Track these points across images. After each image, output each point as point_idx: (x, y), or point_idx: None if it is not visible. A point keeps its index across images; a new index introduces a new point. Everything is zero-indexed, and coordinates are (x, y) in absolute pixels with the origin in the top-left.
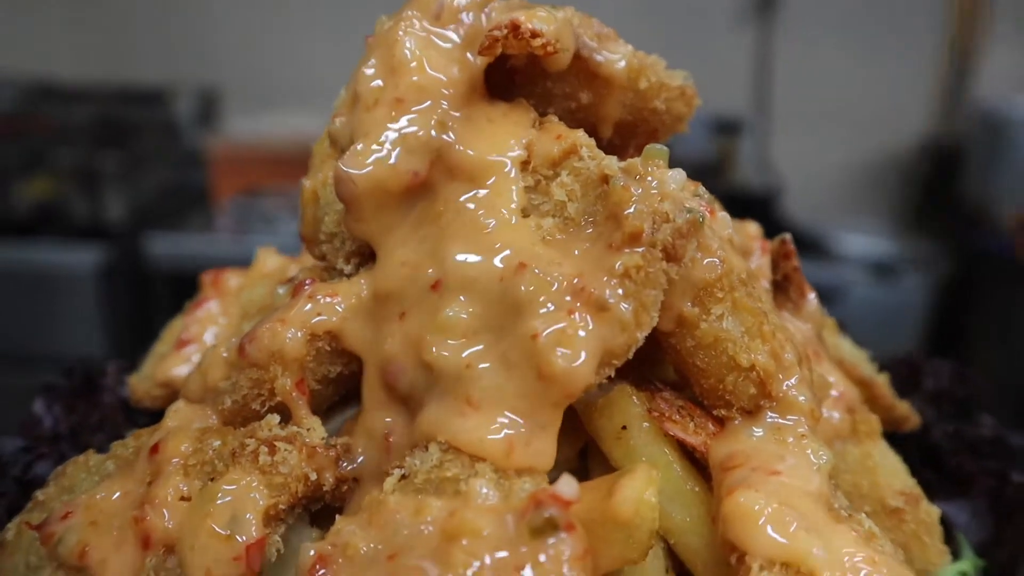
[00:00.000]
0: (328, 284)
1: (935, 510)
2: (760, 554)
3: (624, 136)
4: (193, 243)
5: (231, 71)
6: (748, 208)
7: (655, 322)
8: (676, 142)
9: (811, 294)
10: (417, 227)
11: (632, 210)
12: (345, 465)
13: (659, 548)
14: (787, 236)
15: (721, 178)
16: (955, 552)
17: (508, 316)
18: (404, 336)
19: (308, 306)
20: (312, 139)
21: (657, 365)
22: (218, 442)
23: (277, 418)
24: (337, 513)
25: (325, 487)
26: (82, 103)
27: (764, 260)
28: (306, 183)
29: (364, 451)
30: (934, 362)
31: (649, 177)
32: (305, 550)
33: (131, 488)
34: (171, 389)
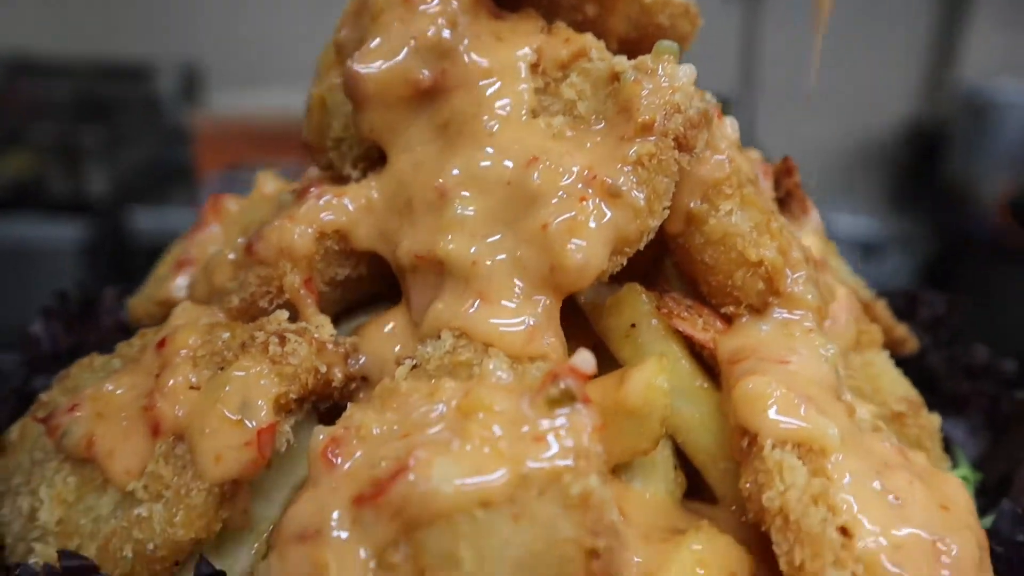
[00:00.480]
0: (335, 187)
1: (935, 418)
2: (772, 434)
3: (629, 55)
4: (176, 218)
5: (214, 47)
6: None
7: (667, 213)
8: None
9: (813, 211)
10: (428, 127)
11: (644, 102)
12: (353, 363)
13: (667, 446)
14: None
15: None
16: (954, 466)
17: (520, 208)
18: (416, 233)
19: (318, 203)
20: (296, 115)
21: (663, 280)
22: (227, 334)
23: (286, 313)
24: None
25: (334, 383)
26: (62, 78)
27: (767, 184)
28: (313, 90)
29: (372, 351)
30: (929, 293)
31: (660, 71)
32: (316, 433)
33: (139, 381)
34: (170, 308)
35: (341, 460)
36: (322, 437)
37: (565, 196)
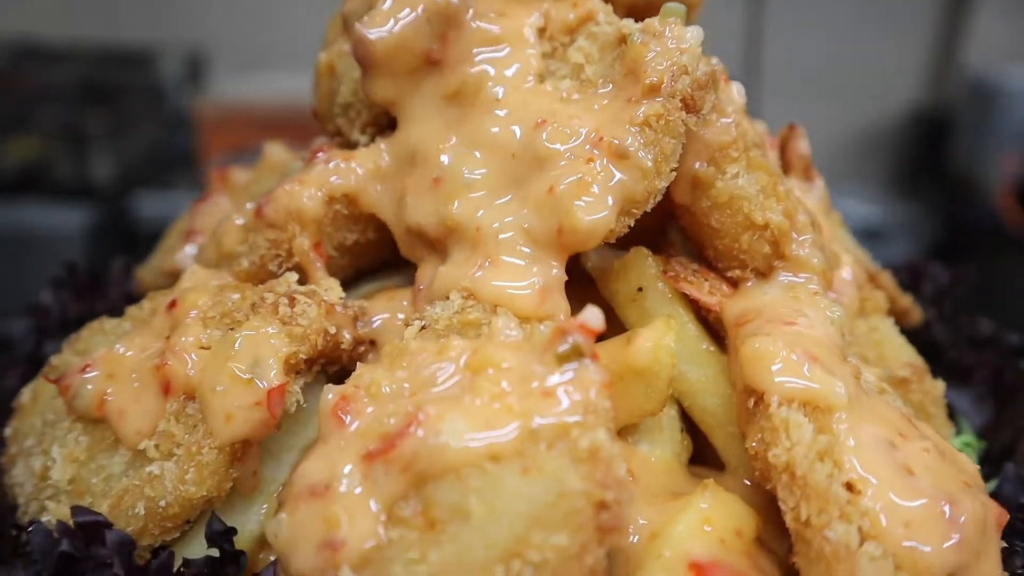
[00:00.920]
0: (344, 151)
1: (940, 384)
2: (778, 393)
3: (636, 19)
4: (180, 203)
5: (218, 32)
6: None
7: (674, 175)
8: None
9: (819, 179)
10: (436, 91)
11: (651, 64)
12: (361, 326)
13: (674, 409)
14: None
15: None
16: (958, 433)
17: (528, 171)
18: (425, 197)
19: (327, 167)
20: (300, 101)
21: (669, 246)
22: (237, 296)
23: (296, 275)
24: None
25: (343, 345)
26: (67, 63)
27: (773, 155)
28: (322, 56)
29: (381, 315)
30: (934, 266)
31: (667, 33)
32: (326, 391)
33: (149, 342)
34: (178, 279)
35: (351, 418)
36: (331, 396)
37: (573, 157)
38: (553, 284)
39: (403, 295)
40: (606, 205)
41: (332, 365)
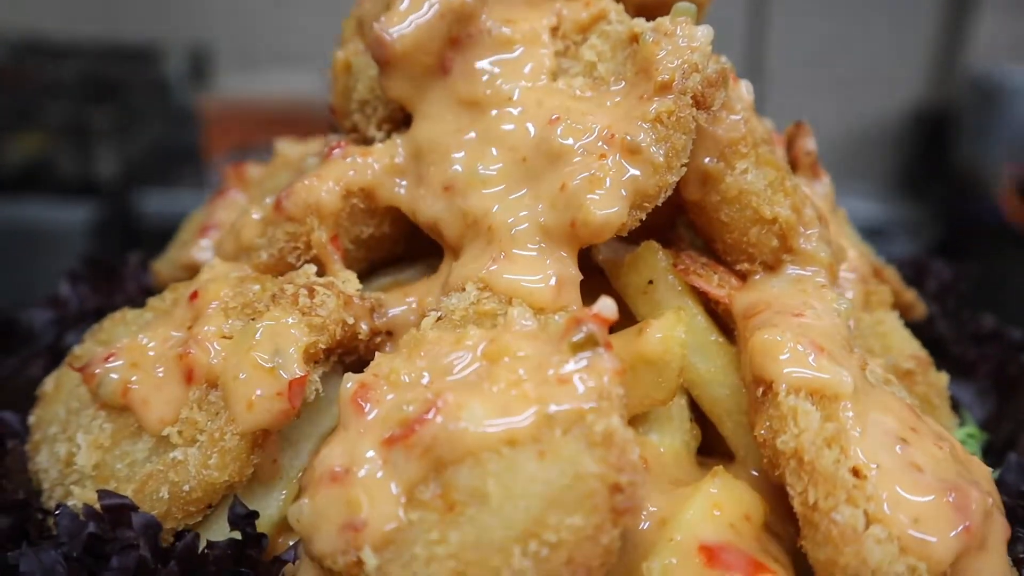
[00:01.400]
0: (361, 147)
1: (944, 376)
2: (786, 382)
3: (647, 18)
4: (185, 200)
5: (223, 29)
6: None
7: (684, 170)
8: None
9: (825, 176)
10: (452, 88)
11: (663, 62)
12: (378, 317)
13: (683, 399)
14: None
15: None
16: (960, 425)
17: (542, 166)
18: (440, 192)
19: (345, 162)
20: (304, 98)
21: (679, 241)
22: (257, 287)
23: (314, 267)
24: None
25: (360, 335)
26: (71, 59)
27: (780, 152)
28: (339, 54)
29: (397, 306)
30: (937, 262)
31: (678, 31)
32: (346, 380)
33: (171, 332)
34: (194, 272)
35: (370, 406)
36: (350, 385)
37: (586, 153)
38: (567, 277)
39: (416, 289)
40: (618, 199)
41: (349, 355)
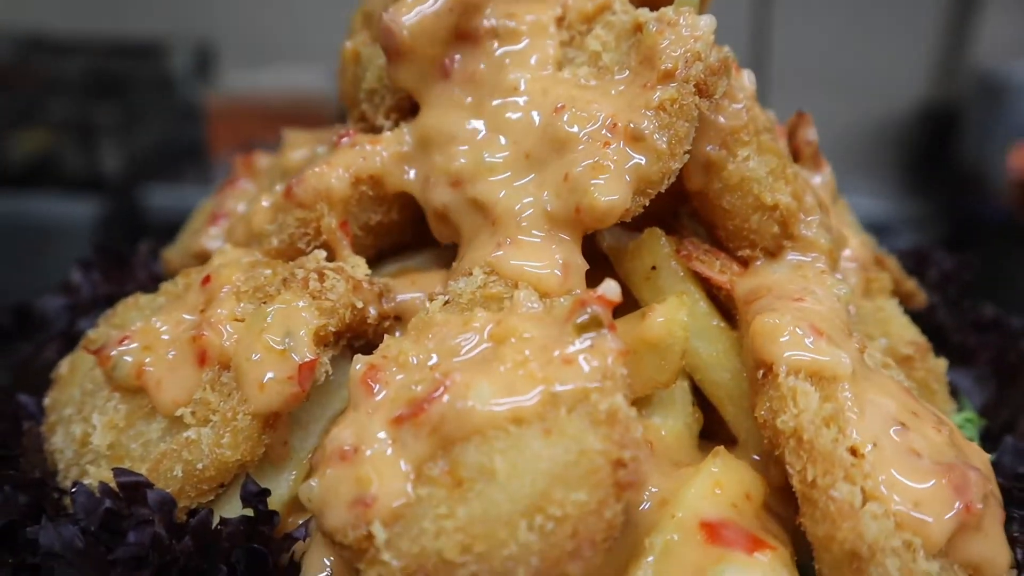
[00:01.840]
0: (369, 136)
1: (943, 361)
2: (786, 364)
3: (651, 7)
4: (190, 196)
5: (227, 25)
6: None
7: (687, 157)
8: None
9: (826, 167)
10: (459, 77)
11: (666, 51)
12: (387, 302)
13: (685, 382)
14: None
15: None
16: (959, 410)
17: (548, 153)
18: (447, 180)
19: (352, 151)
20: (309, 94)
21: (682, 228)
22: (268, 271)
23: (324, 253)
24: None
25: (369, 319)
26: (76, 56)
27: (782, 142)
28: (347, 44)
29: (405, 291)
30: (939, 252)
31: (681, 21)
32: (356, 361)
33: (184, 316)
34: (204, 260)
35: (379, 386)
36: (360, 366)
37: (591, 140)
38: (573, 263)
39: (423, 276)
40: (622, 185)
41: (358, 339)
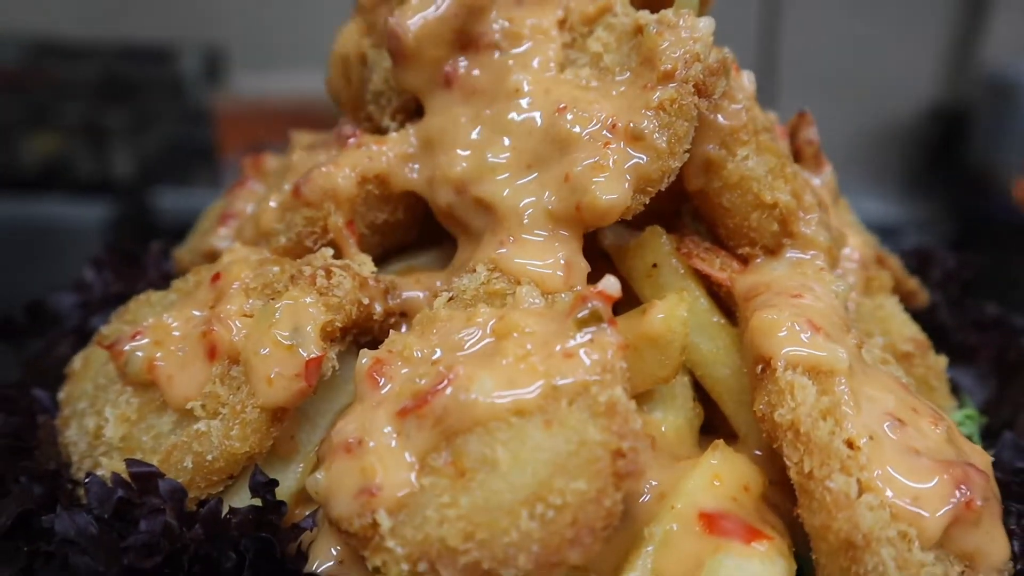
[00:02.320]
0: (375, 136)
1: (942, 359)
2: (784, 358)
3: (651, 10)
4: (199, 198)
5: (237, 29)
6: None
7: (687, 156)
8: None
9: (827, 166)
10: (463, 79)
11: (666, 52)
12: (392, 299)
13: (686, 378)
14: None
15: None
16: (960, 407)
17: (550, 153)
18: (451, 180)
19: (359, 152)
20: (318, 97)
21: (682, 227)
22: (276, 268)
23: (331, 251)
24: None
25: (375, 316)
26: (86, 60)
27: (784, 143)
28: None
29: (410, 289)
30: (941, 251)
31: (681, 23)
32: (361, 356)
33: (195, 312)
34: (214, 259)
35: (384, 380)
36: (366, 360)
37: (592, 140)
38: (575, 262)
39: (428, 274)
40: (622, 183)
41: (364, 335)
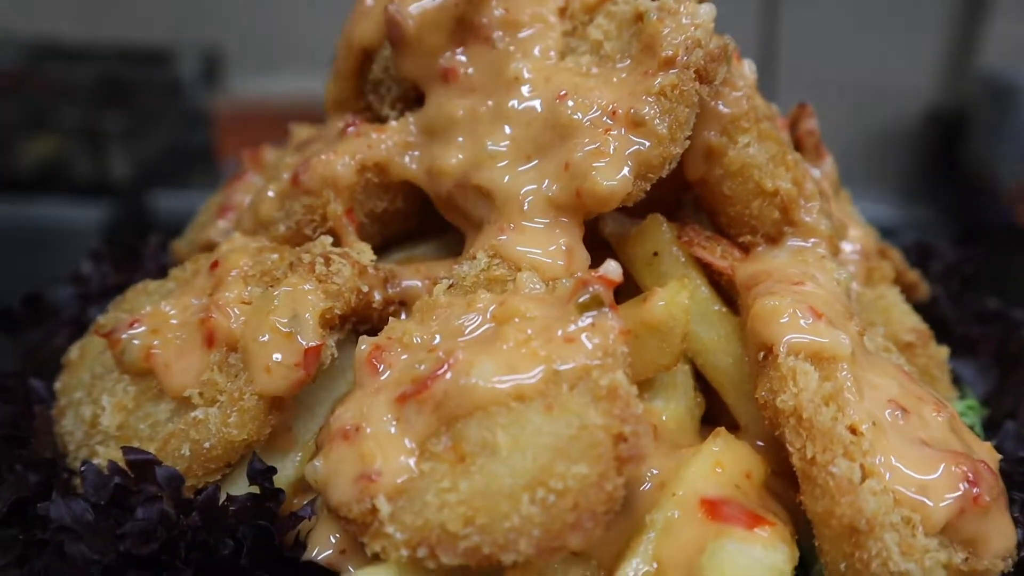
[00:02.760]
0: (375, 125)
1: (944, 349)
2: (786, 345)
3: None
4: (198, 201)
5: (234, 31)
6: None
7: (687, 143)
8: None
9: (828, 157)
10: (464, 67)
11: (666, 39)
12: (392, 287)
13: (687, 366)
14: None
15: None
16: (961, 398)
17: (551, 140)
18: (452, 168)
19: (358, 140)
20: (316, 99)
21: (684, 216)
22: (275, 256)
23: (330, 239)
24: None
25: (374, 304)
26: (85, 62)
27: (784, 135)
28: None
29: (410, 277)
30: (942, 244)
31: (681, 9)
32: (361, 342)
33: (193, 300)
34: (212, 251)
35: (384, 366)
36: (365, 347)
37: (593, 126)
38: (576, 249)
39: (428, 264)
40: (623, 170)
41: (364, 324)
